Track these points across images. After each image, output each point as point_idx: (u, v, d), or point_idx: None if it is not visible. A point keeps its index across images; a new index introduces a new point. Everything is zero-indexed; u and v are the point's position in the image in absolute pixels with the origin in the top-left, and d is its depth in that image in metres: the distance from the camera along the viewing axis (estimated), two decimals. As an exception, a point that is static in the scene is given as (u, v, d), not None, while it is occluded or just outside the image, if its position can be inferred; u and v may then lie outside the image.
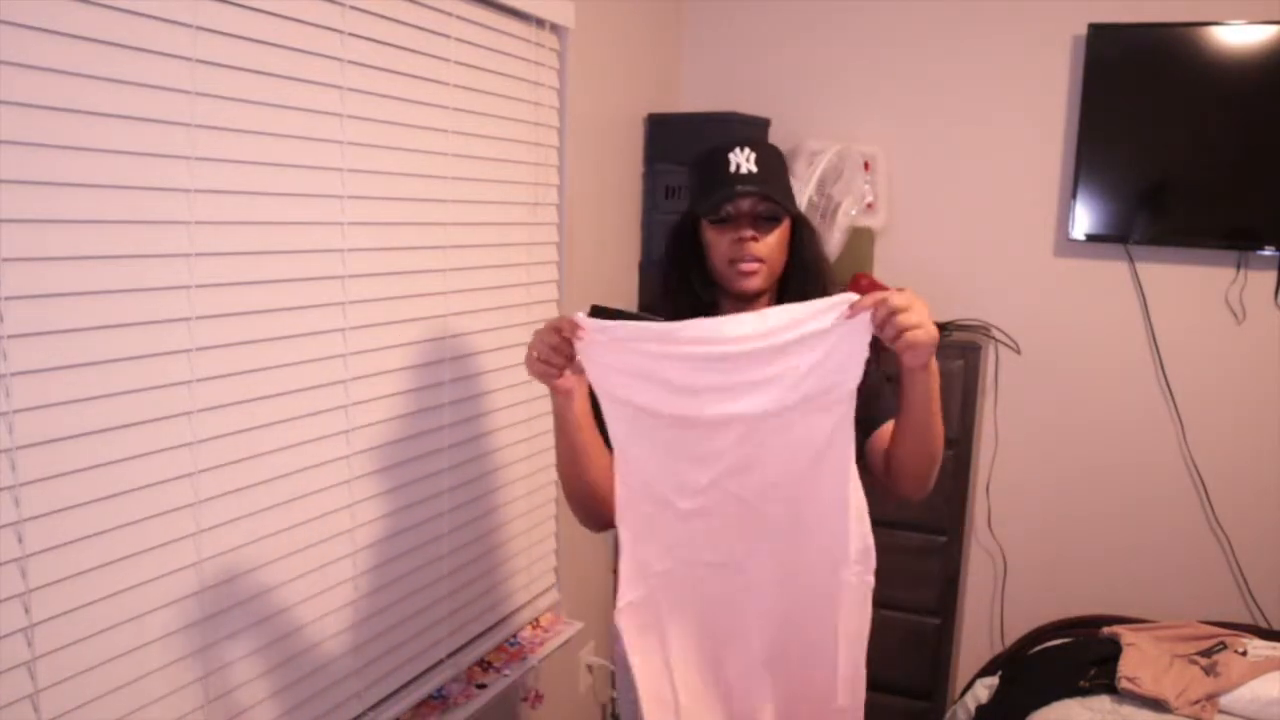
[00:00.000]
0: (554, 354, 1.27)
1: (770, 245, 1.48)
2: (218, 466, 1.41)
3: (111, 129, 1.22)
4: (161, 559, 1.34)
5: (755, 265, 1.46)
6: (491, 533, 2.07)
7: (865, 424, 1.43)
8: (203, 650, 1.41)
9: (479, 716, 1.97)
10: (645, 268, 2.68)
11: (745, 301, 1.51)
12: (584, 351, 1.27)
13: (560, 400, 1.35)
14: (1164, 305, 2.56)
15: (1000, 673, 2.42)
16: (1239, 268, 2.47)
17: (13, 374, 1.12)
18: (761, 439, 1.28)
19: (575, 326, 1.25)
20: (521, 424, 2.16)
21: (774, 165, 1.48)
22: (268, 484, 1.50)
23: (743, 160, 1.45)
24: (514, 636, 2.21)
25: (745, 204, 1.47)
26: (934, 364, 1.30)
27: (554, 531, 2.35)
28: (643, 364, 1.26)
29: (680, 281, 1.55)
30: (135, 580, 1.30)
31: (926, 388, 1.31)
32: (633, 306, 2.51)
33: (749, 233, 1.46)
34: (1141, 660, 2.14)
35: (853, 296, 1.22)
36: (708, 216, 1.49)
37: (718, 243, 1.49)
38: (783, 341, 1.23)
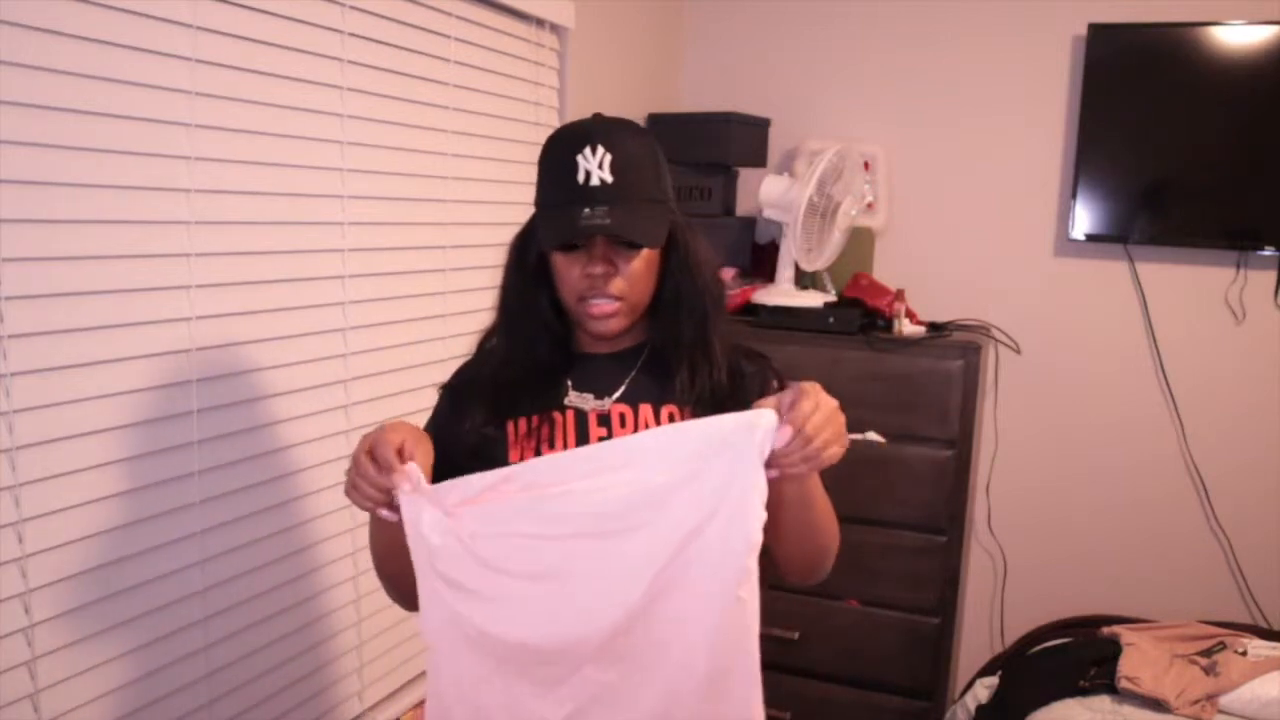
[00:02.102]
0: (376, 495, 1.06)
1: (633, 276, 1.15)
2: (219, 466, 1.41)
3: (111, 129, 1.22)
4: (164, 559, 1.34)
5: (610, 305, 1.15)
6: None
7: None
8: (204, 650, 1.41)
9: (479, 716, 1.97)
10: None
11: (604, 340, 1.22)
12: (407, 507, 1.04)
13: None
14: (1164, 305, 2.56)
15: (1000, 673, 2.42)
16: (1239, 268, 2.47)
17: (13, 374, 1.12)
18: (627, 660, 1.02)
19: (393, 472, 1.04)
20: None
21: (636, 170, 1.14)
22: (268, 484, 1.50)
23: (594, 166, 1.11)
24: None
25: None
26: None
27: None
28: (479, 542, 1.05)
29: (524, 307, 1.22)
30: (137, 580, 1.30)
31: (801, 492, 1.09)
32: None
33: (599, 269, 1.13)
34: (1141, 660, 2.14)
35: (770, 416, 0.95)
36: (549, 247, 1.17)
37: (566, 272, 1.16)
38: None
